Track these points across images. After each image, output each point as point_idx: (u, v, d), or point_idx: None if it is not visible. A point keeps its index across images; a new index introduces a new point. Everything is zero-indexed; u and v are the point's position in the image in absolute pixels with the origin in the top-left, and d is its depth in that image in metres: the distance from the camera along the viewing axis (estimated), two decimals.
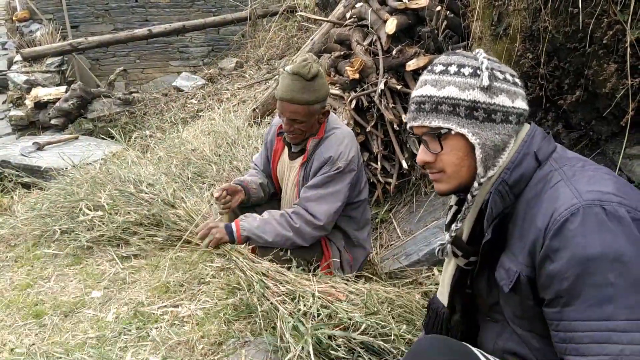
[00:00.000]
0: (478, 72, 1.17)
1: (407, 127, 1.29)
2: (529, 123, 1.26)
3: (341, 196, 2.30)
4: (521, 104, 1.20)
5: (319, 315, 1.86)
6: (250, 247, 2.30)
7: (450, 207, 1.41)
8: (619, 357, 0.98)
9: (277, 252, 2.24)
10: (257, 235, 2.22)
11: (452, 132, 1.18)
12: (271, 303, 1.94)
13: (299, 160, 2.41)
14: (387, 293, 2.08)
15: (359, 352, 1.77)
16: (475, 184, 1.21)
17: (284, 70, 2.33)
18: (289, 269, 2.16)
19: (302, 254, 2.28)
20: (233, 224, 2.23)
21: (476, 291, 1.37)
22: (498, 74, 1.19)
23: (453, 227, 1.30)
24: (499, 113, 1.17)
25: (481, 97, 1.16)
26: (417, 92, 1.24)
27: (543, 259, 1.08)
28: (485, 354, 1.24)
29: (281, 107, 2.28)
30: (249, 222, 2.25)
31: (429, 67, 1.26)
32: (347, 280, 2.16)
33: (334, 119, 2.46)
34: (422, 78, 1.26)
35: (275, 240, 2.23)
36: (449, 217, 1.40)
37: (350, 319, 1.84)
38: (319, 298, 1.93)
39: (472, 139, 1.17)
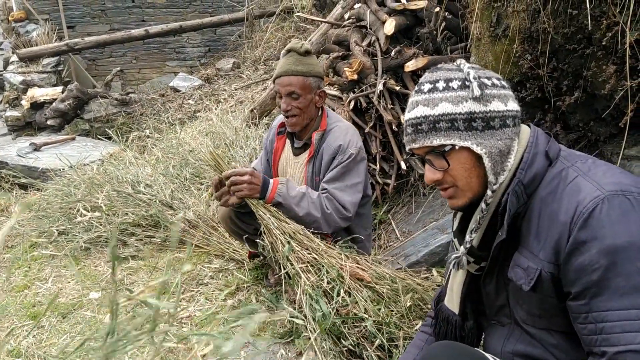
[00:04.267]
0: (467, 83, 1.18)
1: (407, 149, 1.28)
2: (528, 125, 1.27)
3: (360, 187, 2.34)
4: (514, 106, 1.21)
5: (342, 300, 1.86)
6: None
7: (456, 213, 1.40)
8: None
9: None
10: (290, 205, 2.19)
11: (456, 147, 1.18)
12: (294, 269, 1.94)
13: (305, 155, 2.42)
14: (411, 283, 2.10)
15: (365, 347, 1.80)
16: (489, 192, 1.20)
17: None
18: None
19: None
20: (271, 183, 2.20)
21: (483, 295, 1.36)
22: (486, 81, 1.19)
23: (467, 238, 1.28)
24: (497, 119, 1.17)
25: (476, 107, 1.16)
26: (410, 114, 1.23)
27: (570, 253, 1.08)
28: (497, 359, 1.23)
29: (279, 85, 2.35)
30: (288, 189, 2.22)
31: (416, 88, 1.25)
32: (373, 261, 2.18)
33: (334, 115, 2.49)
34: (412, 100, 1.25)
35: (302, 217, 2.21)
36: (456, 223, 1.39)
37: (363, 320, 1.85)
38: (343, 278, 1.92)
39: (478, 149, 1.17)
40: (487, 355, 1.23)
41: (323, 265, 1.96)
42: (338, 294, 1.87)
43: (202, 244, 2.49)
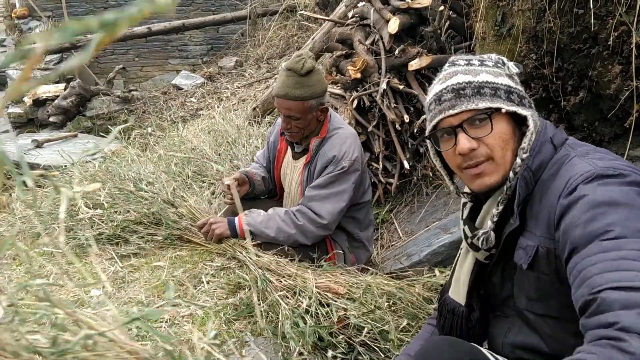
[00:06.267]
0: (499, 63, 1.25)
1: (437, 119, 1.25)
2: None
3: (345, 196, 2.30)
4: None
5: (317, 313, 1.87)
6: (254, 242, 2.31)
7: (465, 204, 1.40)
8: (634, 282, 0.89)
9: (282, 247, 2.25)
10: (260, 230, 2.23)
11: (503, 111, 1.19)
12: (274, 298, 1.95)
13: (303, 160, 2.41)
14: (388, 286, 2.09)
15: (359, 351, 1.79)
16: (518, 160, 1.20)
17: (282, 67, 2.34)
18: (292, 261, 2.18)
19: (307, 251, 2.28)
20: (236, 219, 2.24)
21: (490, 286, 1.37)
22: (511, 66, 1.28)
23: (494, 211, 1.24)
24: (525, 99, 1.25)
25: (511, 83, 1.23)
26: (449, 82, 1.23)
27: (558, 220, 1.09)
28: (495, 355, 1.23)
29: (277, 104, 2.30)
30: (252, 217, 2.25)
31: (448, 64, 1.29)
32: (349, 272, 2.17)
33: (337, 119, 2.45)
34: (446, 72, 1.27)
35: (277, 236, 2.24)
36: (467, 212, 1.38)
37: (347, 318, 1.86)
38: (317, 294, 1.94)
39: (525, 112, 1.20)
40: (484, 350, 1.24)
41: (298, 288, 1.98)
42: (315, 309, 1.89)
43: (203, 241, 2.48)
